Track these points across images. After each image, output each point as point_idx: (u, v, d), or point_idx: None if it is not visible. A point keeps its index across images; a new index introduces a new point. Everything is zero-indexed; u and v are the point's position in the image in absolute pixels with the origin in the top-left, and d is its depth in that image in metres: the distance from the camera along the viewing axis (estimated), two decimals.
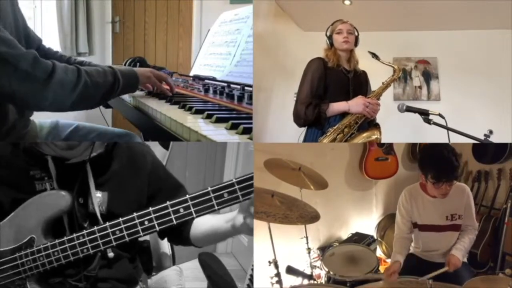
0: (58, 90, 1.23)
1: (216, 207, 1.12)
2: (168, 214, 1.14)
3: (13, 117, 1.47)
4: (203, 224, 1.31)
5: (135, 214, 1.16)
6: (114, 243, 1.17)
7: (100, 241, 1.17)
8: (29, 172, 1.25)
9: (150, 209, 1.15)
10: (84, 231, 1.18)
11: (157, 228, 1.15)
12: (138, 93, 1.93)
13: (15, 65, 1.16)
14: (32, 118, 1.66)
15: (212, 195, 1.12)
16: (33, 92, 1.21)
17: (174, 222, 1.14)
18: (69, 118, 1.87)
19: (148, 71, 1.66)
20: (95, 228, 1.18)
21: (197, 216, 1.13)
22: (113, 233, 1.17)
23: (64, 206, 1.22)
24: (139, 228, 1.16)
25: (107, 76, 1.38)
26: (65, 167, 1.26)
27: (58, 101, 1.26)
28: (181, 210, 1.13)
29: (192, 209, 1.13)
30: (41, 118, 1.77)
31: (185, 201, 1.13)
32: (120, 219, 1.17)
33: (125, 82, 1.44)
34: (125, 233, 1.16)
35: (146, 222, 1.15)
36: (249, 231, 1.17)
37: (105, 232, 1.17)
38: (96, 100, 1.39)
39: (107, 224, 1.17)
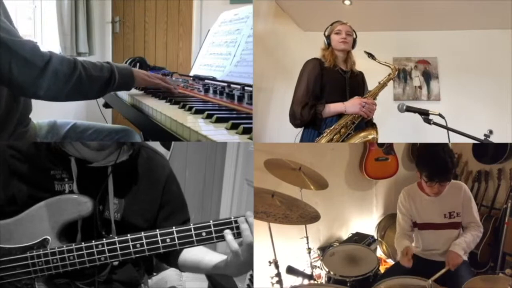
0: (52, 80, 1.28)
1: (237, 236, 1.17)
2: (191, 236, 1.17)
3: (13, 116, 1.48)
4: (194, 255, 1.32)
5: (158, 231, 1.18)
6: (133, 256, 1.18)
7: (119, 252, 1.18)
8: (50, 171, 1.25)
9: (174, 228, 1.18)
10: (104, 240, 1.18)
11: (178, 248, 1.18)
12: (135, 91, 1.95)
13: (15, 51, 1.21)
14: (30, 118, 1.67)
15: (234, 224, 1.17)
16: (30, 78, 1.25)
17: (195, 243, 1.18)
18: (69, 117, 1.88)
19: (145, 75, 1.70)
20: (116, 239, 1.18)
21: (216, 241, 1.17)
22: (134, 246, 1.17)
23: (85, 213, 1.22)
24: (160, 245, 1.18)
25: (103, 71, 1.43)
26: (86, 170, 1.26)
27: (53, 90, 1.30)
28: (203, 234, 1.17)
29: (214, 235, 1.17)
30: (40, 119, 1.77)
31: (208, 226, 1.17)
32: (142, 234, 1.18)
33: (120, 79, 1.49)
34: (145, 247, 1.18)
35: (168, 240, 1.17)
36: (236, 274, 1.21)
37: (125, 244, 1.18)
38: (91, 93, 1.44)
39: (129, 236, 1.18)
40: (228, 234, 1.16)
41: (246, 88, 1.79)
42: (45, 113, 1.81)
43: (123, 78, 1.52)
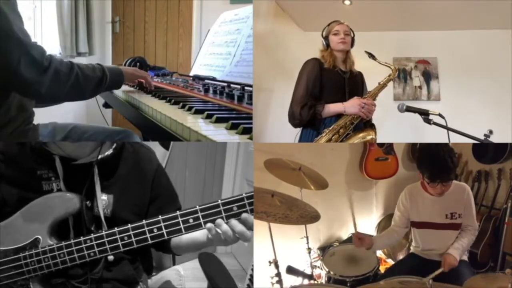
0: (54, 78, 1.34)
1: (225, 220, 1.14)
2: (178, 223, 1.15)
3: (15, 112, 1.49)
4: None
5: (144, 222, 1.17)
6: (122, 249, 1.18)
7: (108, 246, 1.18)
8: (37, 171, 1.26)
9: (160, 217, 1.16)
10: (92, 235, 1.18)
11: (166, 237, 1.16)
12: (128, 87, 2.00)
13: (26, 50, 1.29)
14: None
15: (221, 208, 1.14)
16: (34, 76, 1.31)
17: (183, 231, 1.15)
18: (69, 117, 1.89)
19: (133, 69, 1.85)
20: (104, 232, 1.18)
21: (205, 228, 1.15)
22: (122, 238, 1.17)
23: (72, 209, 1.22)
24: (148, 235, 1.17)
25: (95, 71, 1.51)
26: (72, 168, 1.26)
27: (54, 88, 1.36)
28: (191, 220, 1.15)
29: (202, 220, 1.15)
30: (40, 120, 1.78)
31: (195, 211, 1.15)
32: (129, 225, 1.17)
33: (111, 78, 1.56)
34: (133, 239, 1.17)
35: (155, 230, 1.16)
36: (222, 242, 1.17)
37: (113, 238, 1.17)
38: (86, 93, 1.51)
39: (116, 229, 1.18)
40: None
41: (246, 88, 1.79)
42: (45, 114, 1.81)
43: (114, 76, 1.60)
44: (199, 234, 1.26)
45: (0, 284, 1.19)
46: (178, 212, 1.16)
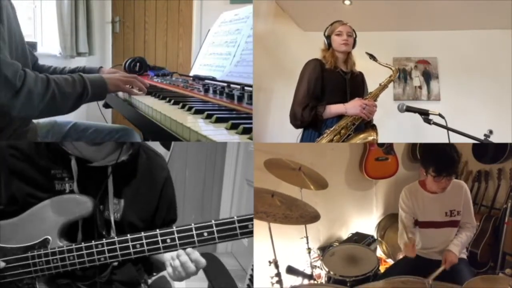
0: (26, 100, 1.28)
1: (239, 236, 1.14)
2: (192, 236, 1.16)
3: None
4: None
5: (158, 231, 1.16)
6: (133, 256, 1.17)
7: (119, 252, 1.17)
8: (51, 171, 1.25)
9: (174, 228, 1.16)
10: (104, 240, 1.18)
11: (179, 248, 1.16)
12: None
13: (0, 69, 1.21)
14: None
15: (237, 224, 1.14)
16: (5, 99, 1.25)
17: (197, 244, 1.15)
18: (69, 117, 1.89)
19: (117, 80, 1.66)
20: (116, 239, 1.17)
21: (218, 242, 1.15)
22: (134, 246, 1.16)
23: (85, 212, 1.22)
24: (161, 245, 1.16)
25: (75, 87, 1.42)
26: (87, 170, 1.26)
27: (26, 110, 1.30)
28: (205, 234, 1.15)
29: (216, 235, 1.15)
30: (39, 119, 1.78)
31: (210, 226, 1.15)
32: (143, 234, 1.17)
33: (93, 91, 1.48)
34: (145, 248, 1.17)
35: (168, 240, 1.16)
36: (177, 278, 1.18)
37: (125, 244, 1.17)
38: (64, 109, 1.43)
39: (129, 236, 1.17)
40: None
41: (246, 88, 1.79)
42: None
43: (96, 89, 1.51)
44: (168, 259, 1.24)
45: (6, 282, 1.19)
46: (193, 225, 1.15)
